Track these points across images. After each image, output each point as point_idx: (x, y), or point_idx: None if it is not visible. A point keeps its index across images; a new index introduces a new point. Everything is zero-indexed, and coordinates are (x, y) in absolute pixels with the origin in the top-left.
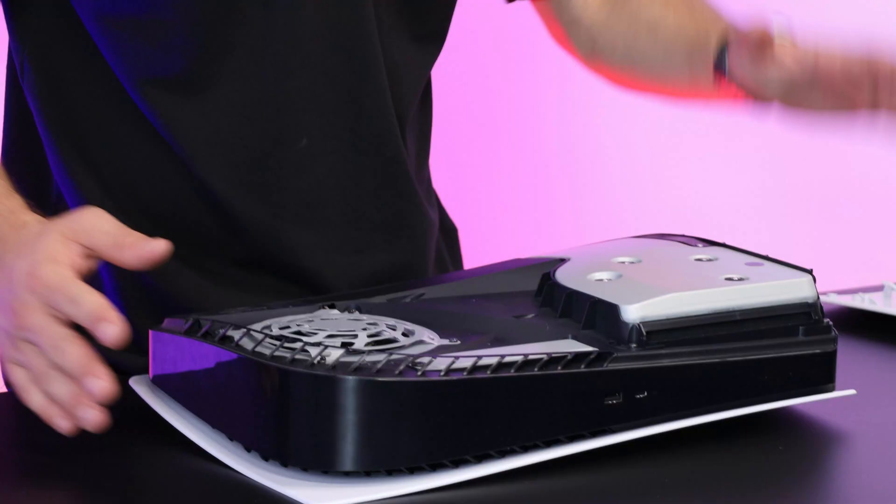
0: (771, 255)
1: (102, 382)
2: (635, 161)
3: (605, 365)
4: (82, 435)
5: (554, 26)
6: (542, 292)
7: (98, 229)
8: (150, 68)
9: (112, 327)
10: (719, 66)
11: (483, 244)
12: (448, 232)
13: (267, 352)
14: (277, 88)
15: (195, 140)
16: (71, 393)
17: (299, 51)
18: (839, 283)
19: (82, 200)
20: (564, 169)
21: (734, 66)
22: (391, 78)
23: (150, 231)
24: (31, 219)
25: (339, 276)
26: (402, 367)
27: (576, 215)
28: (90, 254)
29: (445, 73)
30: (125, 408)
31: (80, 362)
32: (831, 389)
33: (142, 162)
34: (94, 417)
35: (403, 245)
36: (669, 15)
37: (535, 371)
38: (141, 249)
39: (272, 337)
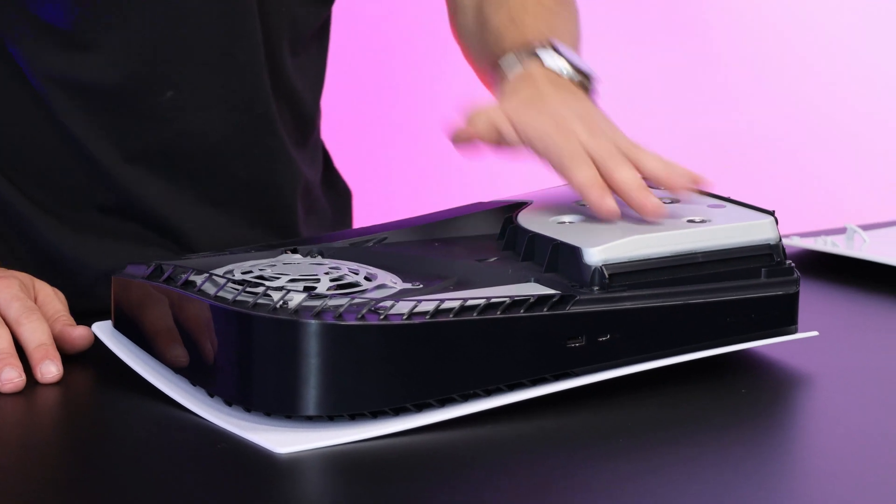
0: (733, 198)
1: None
2: None
3: (567, 308)
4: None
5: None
6: (505, 235)
7: (54, 297)
8: (24, 6)
9: (10, 372)
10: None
11: (379, 207)
12: (340, 194)
13: (229, 296)
14: (147, 38)
15: (57, 83)
16: None
17: (173, 1)
18: (802, 226)
19: None
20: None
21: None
22: (269, 34)
23: (11, 173)
24: None
25: (199, 229)
26: (364, 311)
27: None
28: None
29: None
30: (87, 354)
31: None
32: (794, 331)
33: (3, 102)
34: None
35: (269, 203)
36: (494, 17)
37: (498, 314)
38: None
39: (234, 281)
